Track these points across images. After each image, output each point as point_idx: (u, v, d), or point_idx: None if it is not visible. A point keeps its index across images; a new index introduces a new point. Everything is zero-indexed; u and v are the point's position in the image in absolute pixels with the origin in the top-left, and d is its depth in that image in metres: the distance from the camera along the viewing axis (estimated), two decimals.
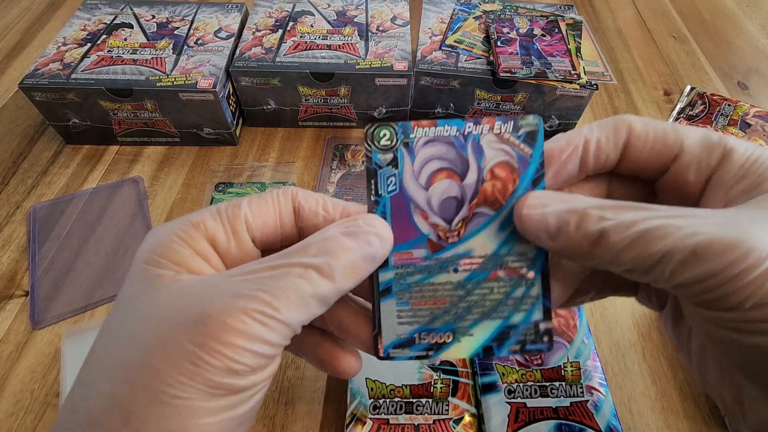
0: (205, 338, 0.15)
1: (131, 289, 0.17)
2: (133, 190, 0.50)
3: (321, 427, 0.35)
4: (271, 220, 0.19)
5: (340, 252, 0.17)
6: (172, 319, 0.15)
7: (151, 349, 0.15)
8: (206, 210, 0.18)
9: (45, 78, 0.48)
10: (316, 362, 0.21)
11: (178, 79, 0.48)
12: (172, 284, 0.16)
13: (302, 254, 0.17)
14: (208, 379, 0.15)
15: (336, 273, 0.16)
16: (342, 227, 0.18)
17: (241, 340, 0.15)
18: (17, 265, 0.44)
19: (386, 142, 0.20)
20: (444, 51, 0.52)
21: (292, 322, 0.16)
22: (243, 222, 0.18)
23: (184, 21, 0.56)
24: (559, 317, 0.38)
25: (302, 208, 0.19)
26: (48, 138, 0.55)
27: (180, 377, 0.15)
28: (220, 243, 0.18)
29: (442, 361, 0.36)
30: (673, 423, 0.36)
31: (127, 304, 0.17)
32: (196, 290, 0.16)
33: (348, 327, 0.20)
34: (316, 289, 0.16)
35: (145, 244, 0.18)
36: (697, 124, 0.58)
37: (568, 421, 0.33)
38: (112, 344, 0.16)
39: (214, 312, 0.15)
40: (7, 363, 0.38)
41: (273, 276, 0.16)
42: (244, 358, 0.15)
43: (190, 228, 0.17)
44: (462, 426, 0.33)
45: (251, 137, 0.56)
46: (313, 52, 0.51)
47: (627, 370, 0.39)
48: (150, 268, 0.17)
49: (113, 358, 0.16)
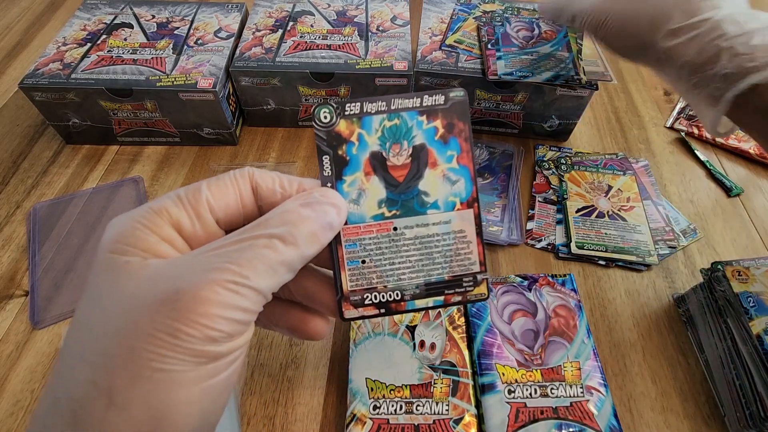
0: (181, 312, 0.15)
1: (99, 279, 0.17)
2: (133, 190, 0.50)
3: (321, 427, 0.35)
4: (233, 200, 0.19)
5: (300, 222, 0.18)
6: (144, 300, 0.16)
7: (128, 332, 0.15)
8: (166, 197, 0.18)
9: (45, 78, 0.48)
10: (287, 330, 0.22)
11: (178, 79, 0.48)
12: (140, 269, 0.16)
13: (265, 226, 0.18)
14: (188, 349, 0.15)
15: (298, 240, 0.17)
16: (299, 200, 0.19)
17: (216, 309, 0.15)
18: (17, 265, 0.44)
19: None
20: (444, 51, 0.52)
21: (262, 288, 0.17)
22: (205, 205, 0.18)
23: (184, 21, 0.56)
24: (559, 317, 0.38)
25: (260, 187, 0.20)
26: (48, 138, 0.55)
27: (160, 350, 0.15)
28: (184, 227, 0.18)
29: (442, 361, 0.36)
30: (673, 423, 0.36)
31: (97, 294, 0.17)
32: (165, 271, 0.16)
33: (314, 294, 0.21)
34: (282, 256, 0.17)
35: (107, 233, 0.18)
36: (697, 123, 0.58)
37: (568, 421, 0.33)
38: (86, 334, 0.16)
39: (186, 287, 0.15)
40: (7, 363, 0.38)
41: (240, 248, 0.17)
42: (221, 326, 0.16)
43: (152, 215, 0.18)
44: (462, 426, 0.33)
45: (251, 137, 0.56)
46: (313, 52, 0.51)
47: (627, 370, 0.39)
48: (116, 257, 0.17)
49: (89, 347, 0.16)
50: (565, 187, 0.50)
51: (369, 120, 0.22)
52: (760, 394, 0.32)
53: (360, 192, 0.22)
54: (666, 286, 0.44)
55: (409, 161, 0.23)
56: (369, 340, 0.37)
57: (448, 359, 0.36)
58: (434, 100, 0.22)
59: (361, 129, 0.22)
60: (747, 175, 0.53)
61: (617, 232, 0.46)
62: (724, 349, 0.36)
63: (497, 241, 0.45)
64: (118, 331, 0.16)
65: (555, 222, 0.48)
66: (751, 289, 0.35)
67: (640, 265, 0.44)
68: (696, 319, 0.40)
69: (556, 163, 0.53)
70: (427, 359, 0.36)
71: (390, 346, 0.36)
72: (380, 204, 0.23)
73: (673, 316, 0.42)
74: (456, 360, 0.36)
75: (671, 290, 0.43)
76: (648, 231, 0.46)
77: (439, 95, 0.22)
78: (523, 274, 0.41)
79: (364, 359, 0.36)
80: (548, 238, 0.47)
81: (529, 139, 0.56)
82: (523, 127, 0.55)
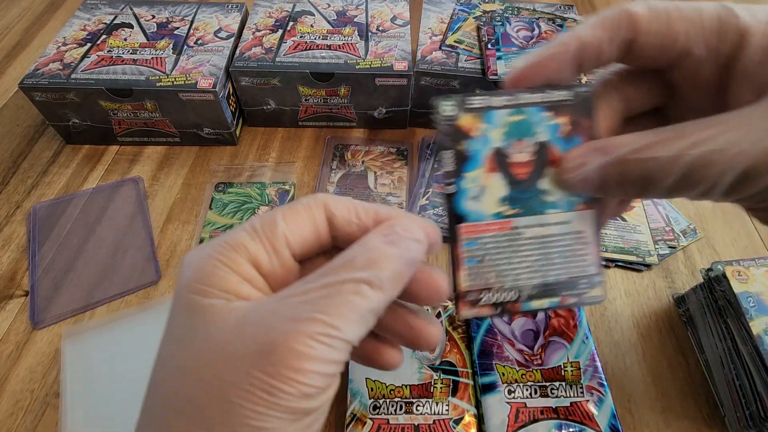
0: (276, 367, 0.15)
1: (183, 321, 0.17)
2: (133, 190, 0.50)
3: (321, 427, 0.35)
4: (309, 233, 0.18)
5: (385, 262, 0.17)
6: (236, 351, 0.15)
7: (225, 385, 0.15)
8: (241, 230, 0.18)
9: (45, 78, 0.48)
10: (360, 359, 0.22)
11: (178, 79, 0.48)
12: (226, 314, 0.16)
13: (350, 269, 0.16)
14: (285, 407, 0.15)
15: (385, 283, 0.17)
16: (381, 236, 0.18)
17: (310, 364, 0.15)
18: (17, 265, 0.44)
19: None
20: (444, 51, 0.52)
21: (352, 338, 0.16)
22: (283, 239, 0.18)
23: (184, 21, 0.56)
24: (559, 317, 0.38)
25: (335, 217, 0.19)
26: (48, 138, 0.55)
27: (258, 408, 0.15)
28: (262, 264, 0.17)
29: (442, 361, 0.36)
30: (673, 423, 0.36)
31: (183, 337, 0.17)
32: (252, 319, 0.16)
33: (387, 324, 0.20)
34: (371, 303, 0.16)
35: (186, 272, 0.17)
36: None
37: (568, 421, 0.33)
38: (178, 381, 0.16)
39: (279, 339, 0.15)
40: (7, 363, 0.38)
41: (327, 295, 0.16)
42: (315, 381, 0.15)
43: (230, 251, 0.17)
44: (462, 426, 0.33)
45: (251, 137, 0.56)
46: (313, 52, 0.51)
47: (627, 370, 0.39)
48: (198, 299, 0.16)
49: (183, 396, 0.16)
50: None
51: (493, 114, 0.21)
52: (760, 394, 0.32)
53: (481, 189, 0.22)
54: (666, 286, 0.44)
55: (532, 158, 0.22)
56: None
57: (448, 359, 0.36)
58: (561, 95, 0.21)
59: (485, 123, 0.21)
60: None
61: (617, 232, 0.46)
62: (724, 349, 0.36)
63: None
64: (212, 383, 0.15)
65: None
66: (751, 289, 0.35)
67: (640, 265, 0.44)
68: (696, 319, 0.40)
69: None
70: (427, 359, 0.36)
71: None
72: (500, 202, 0.22)
73: (673, 316, 0.42)
74: (456, 360, 0.36)
75: (671, 290, 0.43)
76: (648, 231, 0.46)
77: (567, 90, 0.21)
78: None
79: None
80: None
81: None
82: None
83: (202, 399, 0.15)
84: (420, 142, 0.55)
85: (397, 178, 0.51)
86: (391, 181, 0.51)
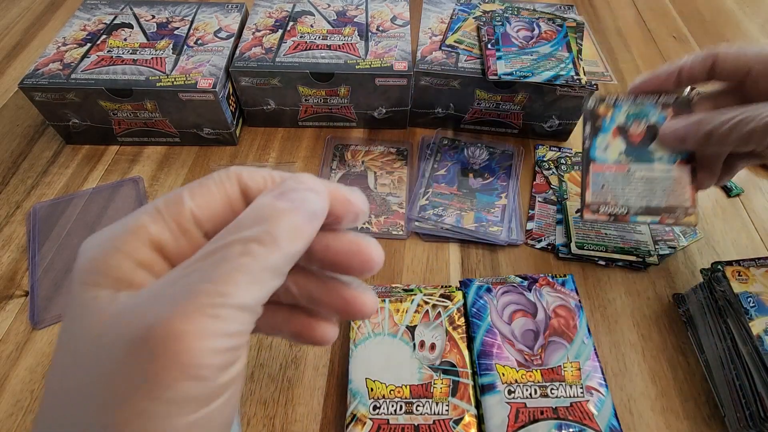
0: (155, 356, 0.13)
1: (68, 318, 0.15)
2: (133, 190, 0.50)
3: (321, 427, 0.35)
4: (221, 208, 0.17)
5: (277, 217, 0.15)
6: (111, 349, 0.13)
7: (105, 397, 0.13)
8: (143, 211, 0.16)
9: (45, 78, 0.48)
10: (292, 336, 0.20)
11: (178, 79, 0.48)
12: (108, 306, 0.14)
13: (236, 230, 0.15)
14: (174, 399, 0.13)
15: (279, 239, 0.15)
16: (273, 192, 0.16)
17: (197, 342, 0.13)
18: (17, 265, 0.44)
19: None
20: (444, 51, 0.52)
21: (248, 303, 0.14)
22: (190, 217, 0.16)
23: (184, 21, 0.56)
24: (559, 318, 0.38)
25: (250, 189, 0.17)
26: (48, 138, 0.55)
27: (141, 405, 0.13)
28: (167, 246, 0.16)
29: (442, 362, 0.36)
30: (673, 423, 0.36)
31: (66, 338, 0.15)
32: (130, 306, 0.14)
33: (320, 297, 0.19)
34: (263, 261, 0.14)
35: (79, 260, 0.16)
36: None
37: (568, 422, 0.33)
38: (62, 395, 0.15)
39: (155, 323, 0.13)
40: (7, 363, 0.38)
41: (213, 263, 0.14)
42: (207, 359, 0.13)
43: (127, 236, 0.15)
44: (462, 426, 0.33)
45: (251, 137, 0.56)
46: (313, 52, 0.51)
47: (627, 370, 0.39)
48: (86, 290, 0.15)
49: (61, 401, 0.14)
50: (565, 188, 0.50)
51: (620, 106, 0.37)
52: (760, 394, 0.32)
53: (607, 145, 0.36)
54: (666, 286, 0.44)
55: (644, 131, 0.36)
56: (369, 341, 0.37)
57: (448, 359, 0.36)
58: (667, 99, 0.36)
59: (614, 110, 0.37)
60: (747, 176, 0.53)
61: (617, 232, 0.46)
62: (724, 349, 0.36)
63: (497, 241, 0.45)
64: (92, 395, 0.13)
65: (555, 222, 0.48)
66: (751, 289, 0.35)
67: (640, 265, 0.44)
68: (696, 319, 0.40)
69: (556, 164, 0.53)
70: (427, 359, 0.36)
71: (390, 347, 0.36)
72: (620, 153, 0.36)
73: (673, 316, 0.42)
74: (456, 360, 0.36)
75: (671, 290, 0.43)
76: (648, 231, 0.46)
77: (670, 96, 0.36)
78: (523, 274, 0.41)
79: (364, 359, 0.36)
80: (548, 239, 0.47)
81: (529, 140, 0.56)
82: (523, 127, 0.55)
83: (79, 406, 0.14)
84: (420, 142, 0.55)
85: (397, 178, 0.51)
86: (391, 181, 0.51)
